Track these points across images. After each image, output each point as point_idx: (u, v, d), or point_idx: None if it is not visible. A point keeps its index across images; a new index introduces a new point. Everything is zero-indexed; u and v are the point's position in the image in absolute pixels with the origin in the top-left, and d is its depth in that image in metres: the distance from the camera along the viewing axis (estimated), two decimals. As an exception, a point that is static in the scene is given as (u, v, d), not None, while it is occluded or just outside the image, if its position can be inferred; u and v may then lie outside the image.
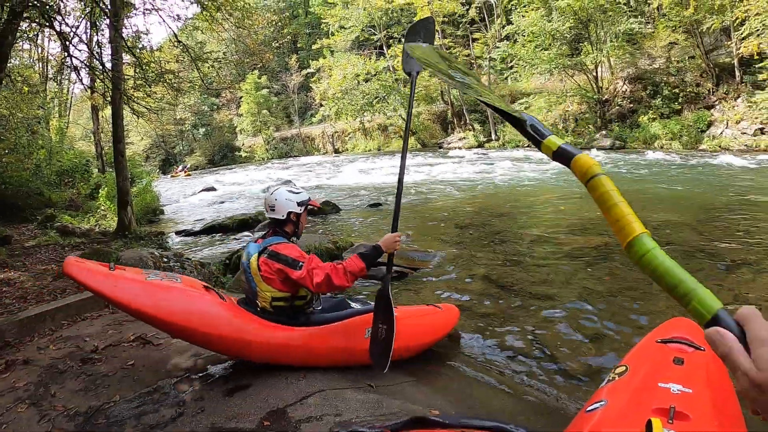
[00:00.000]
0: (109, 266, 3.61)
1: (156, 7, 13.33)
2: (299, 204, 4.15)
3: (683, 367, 2.80)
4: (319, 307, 4.20)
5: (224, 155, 65.25)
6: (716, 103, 27.66)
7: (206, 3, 13.54)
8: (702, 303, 0.81)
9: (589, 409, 2.40)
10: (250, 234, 12.08)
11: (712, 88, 28.43)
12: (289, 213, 4.11)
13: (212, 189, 25.11)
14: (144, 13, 13.45)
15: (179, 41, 14.05)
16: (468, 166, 24.14)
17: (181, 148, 70.04)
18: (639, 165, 20.91)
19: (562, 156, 1.15)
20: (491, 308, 6.10)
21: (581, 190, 7.60)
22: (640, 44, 33.42)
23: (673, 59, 31.60)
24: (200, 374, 4.14)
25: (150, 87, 13.33)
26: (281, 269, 3.76)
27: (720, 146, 25.12)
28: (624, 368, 2.89)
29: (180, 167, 52.65)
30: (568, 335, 5.25)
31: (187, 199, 23.19)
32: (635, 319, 5.48)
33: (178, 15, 14.03)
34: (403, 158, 4.18)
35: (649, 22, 33.53)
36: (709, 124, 27.05)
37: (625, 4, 32.99)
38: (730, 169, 18.42)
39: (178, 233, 13.52)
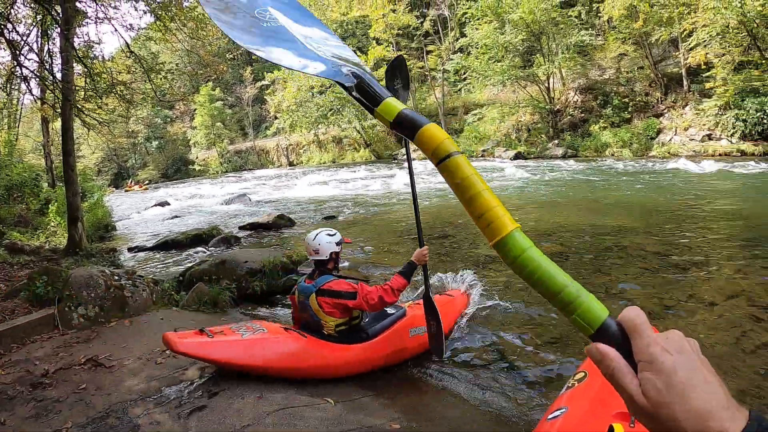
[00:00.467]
0: (206, 335, 4.11)
1: (109, 16, 12.73)
2: (337, 244, 4.76)
3: None
4: (366, 319, 4.94)
5: (178, 169, 63.89)
6: (665, 111, 28.27)
7: (160, 13, 13.03)
8: (587, 313, 0.70)
9: (550, 416, 2.46)
10: (204, 249, 11.69)
11: (661, 97, 29.07)
12: (331, 253, 4.70)
13: (165, 204, 24.32)
14: (96, 22, 12.83)
15: (132, 52, 13.45)
16: (423, 176, 23.60)
17: (133, 161, 68.30)
18: (591, 173, 21.12)
19: (403, 126, 0.92)
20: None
21: (543, 199, 7.66)
22: (590, 56, 34.08)
23: (623, 70, 32.32)
24: (154, 397, 4.04)
25: (101, 98, 12.69)
26: (339, 303, 4.43)
27: (669, 152, 25.58)
28: (583, 374, 2.94)
29: (132, 181, 51.43)
30: (527, 343, 5.25)
31: (140, 214, 22.39)
32: None
33: (131, 24, 13.59)
34: (412, 181, 4.62)
35: (599, 35, 34.26)
36: (659, 132, 27.60)
37: (576, 17, 33.71)
38: (679, 174, 18.75)
39: (130, 249, 12.91)
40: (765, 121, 22.90)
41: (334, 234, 4.80)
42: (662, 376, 0.60)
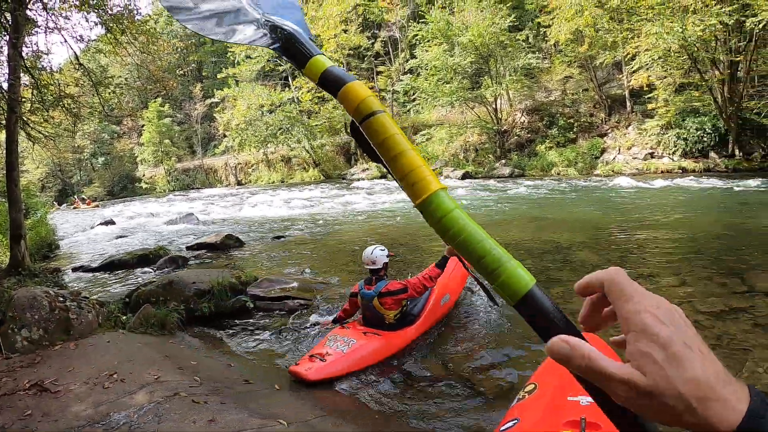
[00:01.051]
0: (318, 359, 5.05)
1: (59, 26, 12.15)
2: (387, 256, 5.90)
3: None
4: (410, 304, 6.05)
5: (124, 186, 61.64)
6: (609, 131, 28.87)
7: (111, 25, 12.50)
8: (512, 279, 0.65)
9: (502, 429, 2.54)
10: (151, 270, 11.24)
11: (605, 118, 29.70)
12: (384, 264, 5.84)
13: (111, 222, 23.28)
14: (46, 32, 12.25)
15: (81, 64, 12.89)
16: (371, 196, 23.76)
17: (79, 177, 65.38)
18: (538, 191, 21.25)
19: (327, 83, 0.87)
20: None
21: (491, 217, 8.05)
22: (537, 78, 34.63)
23: (568, 92, 32.95)
24: (103, 423, 3.86)
25: (48, 111, 12.11)
26: (397, 299, 5.62)
27: (613, 171, 26.08)
28: (533, 386, 3.03)
29: (78, 197, 49.53)
30: (476, 358, 5.31)
31: (85, 233, 21.41)
32: (538, 339, 5.30)
33: (81, 36, 12.86)
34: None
35: (546, 58, 34.90)
36: (603, 151, 28.13)
37: (524, 40, 34.20)
38: (623, 191, 19.17)
39: (75, 269, 12.21)
40: (705, 139, 23.79)
41: (384, 249, 5.91)
42: (658, 347, 0.52)
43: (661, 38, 21.64)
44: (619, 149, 27.40)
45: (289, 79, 47.48)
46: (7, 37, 10.78)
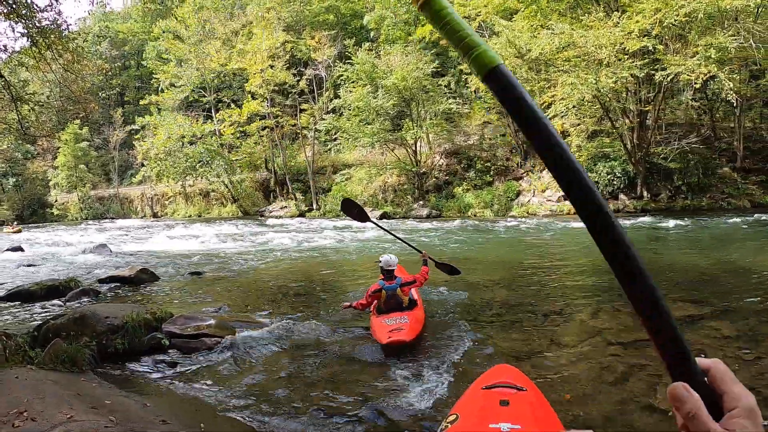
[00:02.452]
0: (400, 330, 6.42)
1: None
2: (396, 263, 7.45)
3: (509, 408, 3.12)
4: None
5: (34, 211, 57.68)
6: (524, 175, 29.39)
7: (38, 39, 11.69)
8: (484, 54, 0.73)
9: None
10: (61, 302, 10.55)
11: (521, 162, 30.25)
12: (396, 265, 7.48)
13: (19, 249, 21.59)
14: None
15: (1, 75, 11.98)
16: (289, 234, 23.35)
17: (-14, 198, 60.84)
18: (455, 232, 21.37)
19: None
20: (313, 373, 6.00)
21: (407, 257, 8.01)
22: (457, 122, 35.08)
23: (486, 137, 33.42)
24: None
25: None
26: (412, 287, 7.48)
27: (528, 212, 26.58)
28: (455, 416, 3.18)
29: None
30: (396, 392, 5.23)
31: None
32: (459, 370, 5.71)
33: (5, 45, 12.05)
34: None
35: (466, 103, 35.34)
36: (518, 194, 28.61)
37: (446, 86, 34.56)
38: (536, 232, 19.79)
39: None
40: (614, 182, 24.83)
41: (395, 257, 7.46)
42: (753, 424, 0.65)
43: (575, 89, 22.10)
44: (534, 192, 27.90)
45: (212, 111, 46.21)
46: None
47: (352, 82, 35.12)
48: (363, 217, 8.77)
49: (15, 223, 41.84)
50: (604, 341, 6.32)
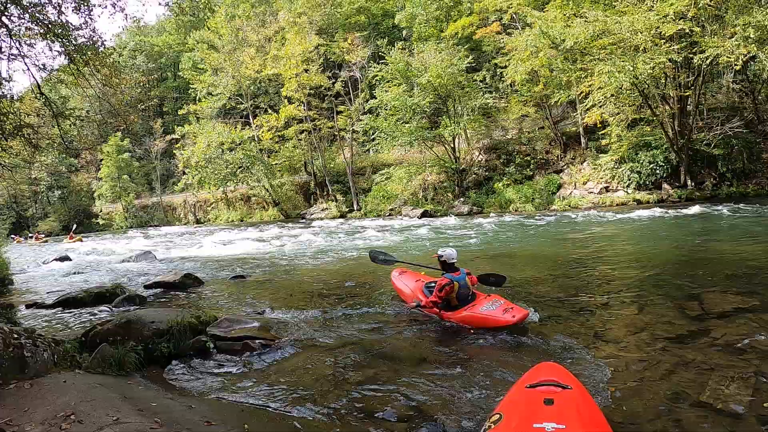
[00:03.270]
0: (512, 310, 6.83)
1: (23, 54, 11.71)
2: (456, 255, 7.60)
3: (554, 407, 3.10)
4: None
5: (80, 221, 58.76)
6: (564, 167, 29.23)
7: (75, 56, 12.08)
8: None
9: None
10: (108, 308, 10.73)
11: (561, 155, 30.09)
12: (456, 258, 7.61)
13: (66, 258, 22.38)
14: (9, 58, 11.75)
15: (42, 93, 12.39)
16: (330, 236, 23.57)
17: (34, 211, 63.65)
18: (496, 228, 21.15)
19: None
20: (358, 374, 5.90)
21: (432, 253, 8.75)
22: (494, 117, 35.05)
23: (524, 130, 33.37)
24: None
25: (6, 140, 11.70)
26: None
27: (570, 205, 26.41)
28: (498, 416, 3.15)
29: (38, 232, 47.69)
30: (439, 392, 5.17)
31: (39, 268, 20.50)
32: (502, 368, 5.63)
33: (44, 64, 12.38)
34: None
35: (503, 97, 35.31)
36: (559, 187, 28.46)
37: (481, 81, 34.59)
38: (579, 225, 19.49)
39: (28, 306, 11.39)
40: (657, 171, 24.41)
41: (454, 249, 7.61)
42: None
43: (613, 76, 21.90)
44: (575, 184, 27.79)
45: (250, 117, 47.01)
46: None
47: (387, 81, 35.45)
48: (389, 261, 10.01)
49: (73, 232, 43.40)
50: (651, 336, 6.16)
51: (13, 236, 45.97)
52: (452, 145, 33.41)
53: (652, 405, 4.46)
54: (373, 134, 38.07)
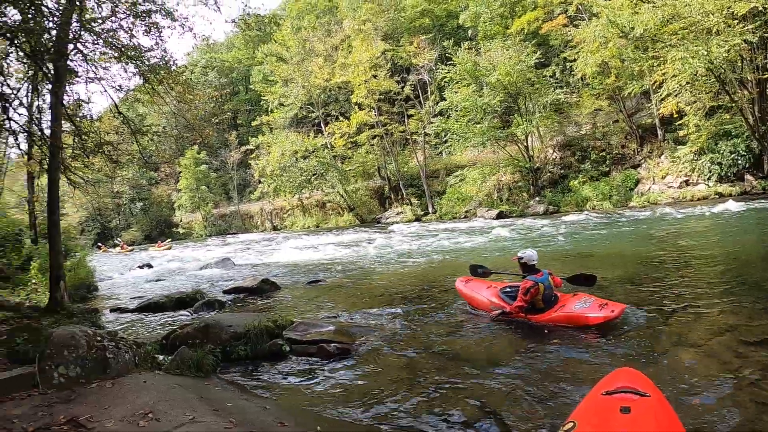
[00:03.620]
0: (607, 305, 6.90)
1: (99, 76, 12.47)
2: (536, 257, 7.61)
3: (630, 415, 2.99)
4: None
5: (161, 231, 62.35)
6: (642, 161, 28.70)
7: (149, 76, 12.79)
8: None
9: None
10: (188, 313, 11.31)
11: (637, 148, 29.51)
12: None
13: (148, 266, 23.68)
14: (86, 81, 12.55)
15: (120, 112, 13.15)
16: (406, 239, 23.73)
17: (117, 222, 67.14)
18: (573, 227, 21.03)
19: None
20: (433, 378, 5.90)
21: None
22: (566, 113, 34.65)
23: (598, 124, 32.88)
24: None
25: (88, 157, 12.40)
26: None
27: (649, 202, 25.90)
28: (572, 424, 3.07)
29: (119, 241, 50.16)
30: (513, 398, 5.13)
31: (123, 275, 21.79)
32: (578, 373, 5.52)
33: (120, 85, 13.11)
34: None
35: (574, 92, 34.89)
36: (637, 182, 27.98)
37: (551, 76, 34.32)
38: (660, 222, 19.09)
39: (112, 311, 12.48)
40: (739, 162, 23.55)
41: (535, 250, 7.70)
42: None
43: (686, 63, 21.43)
44: (654, 179, 27.20)
45: (322, 125, 48.14)
46: (50, 86, 11.10)
47: (456, 82, 35.72)
48: (487, 273, 9.67)
49: (167, 240, 45.49)
50: (736, 340, 5.81)
51: (99, 245, 48.98)
52: (525, 144, 33.36)
53: (735, 417, 4.22)
54: (445, 136, 38.27)
